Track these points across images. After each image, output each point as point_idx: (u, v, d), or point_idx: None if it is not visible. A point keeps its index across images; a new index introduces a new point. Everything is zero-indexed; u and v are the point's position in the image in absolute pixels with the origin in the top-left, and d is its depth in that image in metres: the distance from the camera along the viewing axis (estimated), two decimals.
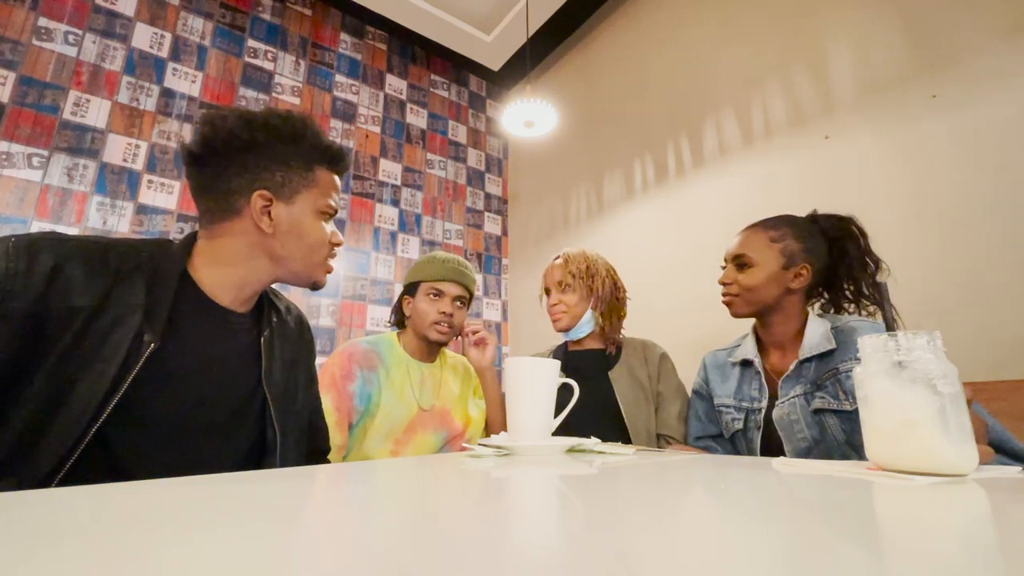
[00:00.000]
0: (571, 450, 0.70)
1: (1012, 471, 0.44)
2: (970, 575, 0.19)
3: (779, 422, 0.88)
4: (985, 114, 1.23)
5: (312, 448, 0.85)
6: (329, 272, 0.75)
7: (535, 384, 0.73)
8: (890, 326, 0.51)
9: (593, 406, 1.09)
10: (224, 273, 0.67)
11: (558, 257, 1.25)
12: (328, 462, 0.91)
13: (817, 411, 0.84)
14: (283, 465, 0.69)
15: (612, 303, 1.21)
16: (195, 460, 0.62)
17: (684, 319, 1.87)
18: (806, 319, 0.93)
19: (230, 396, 0.67)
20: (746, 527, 0.27)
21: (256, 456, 0.69)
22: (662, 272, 2.00)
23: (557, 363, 0.74)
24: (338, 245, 0.74)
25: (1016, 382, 1.03)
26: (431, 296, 1.15)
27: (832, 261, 0.95)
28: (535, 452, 0.66)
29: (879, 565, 0.20)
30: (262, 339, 0.72)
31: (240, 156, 0.66)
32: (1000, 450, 0.65)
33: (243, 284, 0.69)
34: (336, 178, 0.74)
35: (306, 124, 0.71)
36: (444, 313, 1.13)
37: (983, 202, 1.21)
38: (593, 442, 0.72)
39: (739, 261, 0.95)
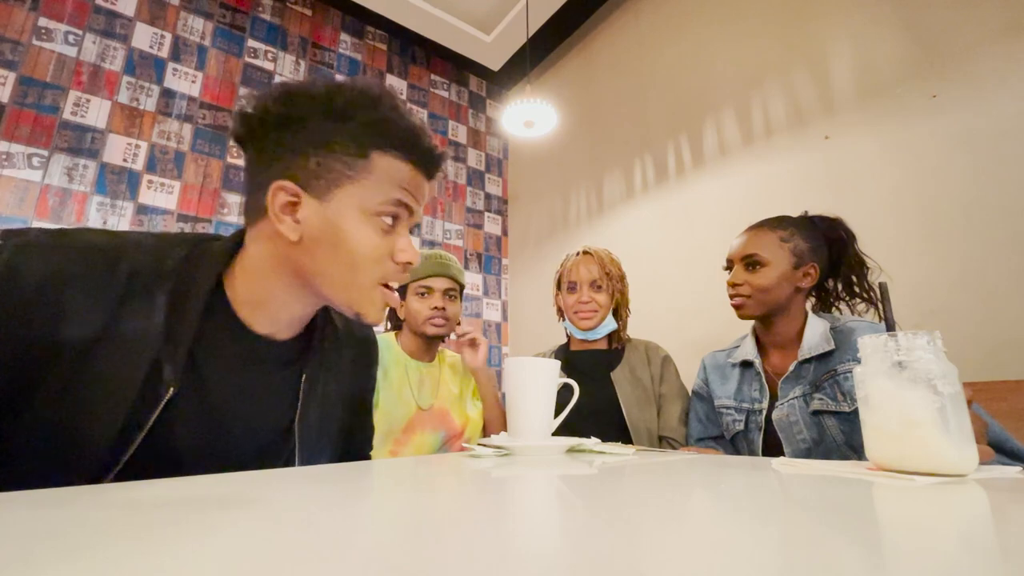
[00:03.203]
0: (571, 450, 0.70)
1: (1012, 471, 0.44)
2: (970, 575, 0.18)
3: (779, 423, 0.87)
4: (985, 114, 1.23)
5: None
6: (389, 304, 0.54)
7: (535, 384, 0.72)
8: (891, 326, 0.51)
9: (595, 406, 1.09)
10: (252, 292, 0.52)
11: (587, 252, 1.22)
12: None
13: (816, 412, 0.84)
14: None
15: (624, 304, 1.23)
16: None
17: (684, 320, 1.87)
18: (806, 319, 0.93)
19: (256, 437, 0.54)
20: (746, 527, 0.27)
21: None
22: (662, 272, 2.00)
23: (557, 363, 0.74)
24: (408, 264, 0.53)
25: (1016, 382, 1.02)
26: (420, 295, 1.15)
27: (833, 260, 0.96)
28: (535, 452, 0.66)
29: (879, 565, 0.20)
30: (303, 378, 0.57)
31: (272, 136, 0.51)
32: (1000, 450, 0.65)
33: (274, 309, 0.53)
34: (412, 171, 0.53)
35: (366, 96, 0.51)
36: (436, 308, 1.14)
37: (983, 202, 1.21)
38: (593, 442, 0.72)
39: (750, 260, 0.94)
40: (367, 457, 0.81)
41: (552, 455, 0.65)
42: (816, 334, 0.88)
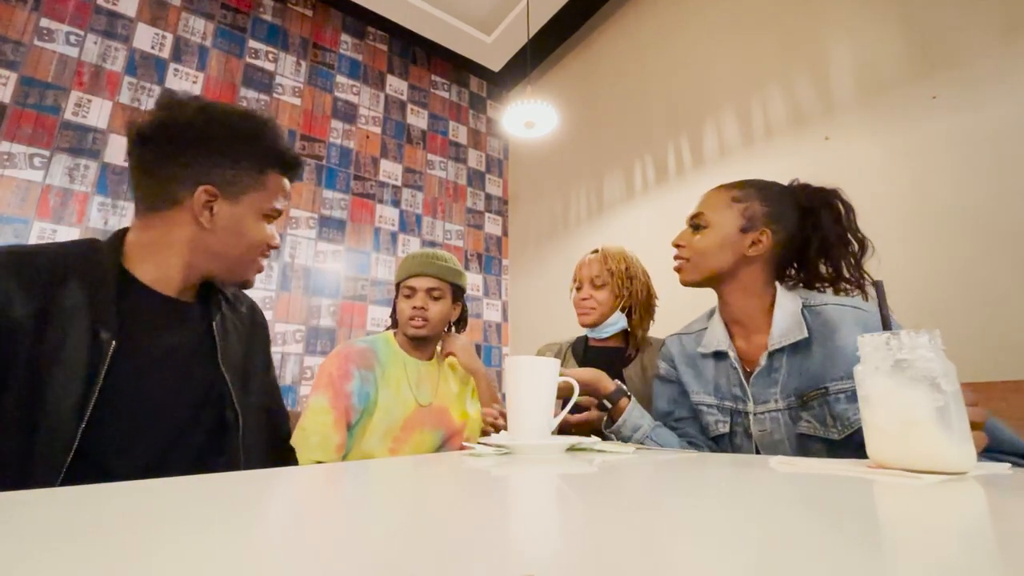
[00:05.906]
0: (571, 449, 0.70)
1: (1005, 468, 0.44)
2: (971, 575, 0.19)
3: (760, 440, 0.77)
4: (985, 115, 1.23)
5: (278, 433, 0.86)
6: (260, 271, 0.75)
7: (535, 383, 0.73)
8: (887, 325, 0.51)
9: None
10: (162, 265, 0.67)
11: (596, 251, 1.24)
12: (291, 450, 0.91)
13: (802, 436, 0.73)
14: (245, 446, 0.70)
15: (645, 308, 1.21)
16: (167, 450, 0.64)
17: (684, 320, 1.86)
18: (775, 298, 0.81)
19: (193, 382, 0.68)
20: (746, 526, 0.27)
21: (218, 439, 0.69)
22: (662, 273, 2.00)
23: (557, 362, 0.74)
24: (275, 247, 0.75)
25: (1016, 382, 1.02)
26: (406, 296, 1.15)
27: (805, 234, 0.83)
28: (535, 451, 0.66)
29: (879, 564, 0.20)
30: (214, 324, 0.72)
31: (192, 147, 0.66)
32: (995, 439, 0.63)
33: (183, 276, 0.68)
34: (286, 182, 0.75)
35: (266, 125, 0.71)
36: (416, 308, 1.12)
37: (983, 203, 1.21)
38: (593, 440, 0.72)
39: (695, 221, 0.86)
40: (288, 436, 0.90)
41: (552, 454, 0.65)
42: (787, 316, 0.76)
